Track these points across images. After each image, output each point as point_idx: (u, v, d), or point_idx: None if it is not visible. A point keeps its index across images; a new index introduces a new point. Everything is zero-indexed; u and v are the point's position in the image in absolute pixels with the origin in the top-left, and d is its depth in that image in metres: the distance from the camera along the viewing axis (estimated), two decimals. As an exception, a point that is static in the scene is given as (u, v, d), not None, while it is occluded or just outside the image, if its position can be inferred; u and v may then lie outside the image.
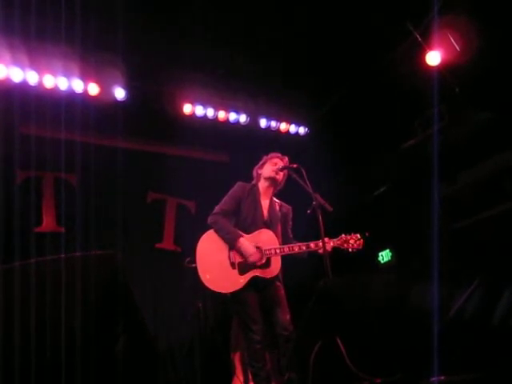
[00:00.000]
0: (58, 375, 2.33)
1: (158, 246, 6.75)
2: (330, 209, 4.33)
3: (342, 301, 3.84)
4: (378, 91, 6.48)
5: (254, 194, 4.62)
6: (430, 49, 5.81)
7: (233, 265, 4.32)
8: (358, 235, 4.56)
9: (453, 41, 5.60)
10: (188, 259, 4.78)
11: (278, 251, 4.40)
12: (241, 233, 4.40)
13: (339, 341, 3.84)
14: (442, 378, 2.68)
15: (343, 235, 4.55)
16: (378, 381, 3.34)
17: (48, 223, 6.13)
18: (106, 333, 2.55)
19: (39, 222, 6.06)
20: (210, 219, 4.47)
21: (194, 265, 4.40)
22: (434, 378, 2.72)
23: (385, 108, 6.50)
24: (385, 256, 7.03)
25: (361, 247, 4.52)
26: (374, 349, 3.70)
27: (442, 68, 5.79)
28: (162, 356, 5.60)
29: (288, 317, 4.32)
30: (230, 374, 5.58)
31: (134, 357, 2.72)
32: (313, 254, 4.51)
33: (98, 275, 2.51)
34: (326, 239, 4.45)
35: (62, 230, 6.02)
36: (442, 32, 5.64)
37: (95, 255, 2.65)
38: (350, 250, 4.53)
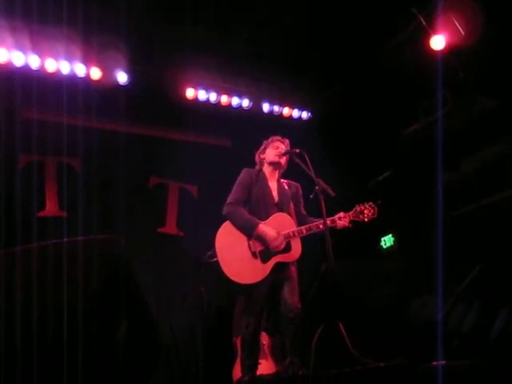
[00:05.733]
0: (60, 360, 2.34)
1: (160, 230, 6.76)
2: (332, 194, 4.31)
3: (344, 285, 3.84)
4: (382, 76, 6.44)
5: (262, 178, 4.57)
6: (435, 33, 5.76)
7: (254, 254, 4.25)
8: (372, 203, 4.52)
9: (457, 24, 5.55)
10: (209, 253, 4.74)
11: (296, 234, 4.35)
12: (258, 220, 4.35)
13: (341, 325, 3.85)
14: (444, 362, 2.69)
15: (357, 206, 4.52)
16: (380, 365, 3.35)
17: (51, 207, 6.13)
18: (107, 317, 2.55)
19: (42, 207, 6.07)
20: (224, 210, 4.39)
21: (215, 259, 4.30)
22: (435, 363, 2.73)
23: (388, 93, 6.46)
24: (387, 241, 7.04)
25: (376, 215, 4.49)
26: (376, 333, 3.71)
27: (447, 52, 5.75)
28: (164, 341, 5.63)
29: (296, 298, 4.27)
30: (233, 358, 5.62)
31: (136, 342, 2.72)
32: (315, 238, 4.49)
33: (100, 260, 2.51)
34: (342, 214, 4.44)
35: (65, 214, 6.02)
36: (446, 16, 5.59)
37: (97, 239, 2.64)
38: (367, 220, 4.50)
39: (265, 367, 5.55)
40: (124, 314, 2.67)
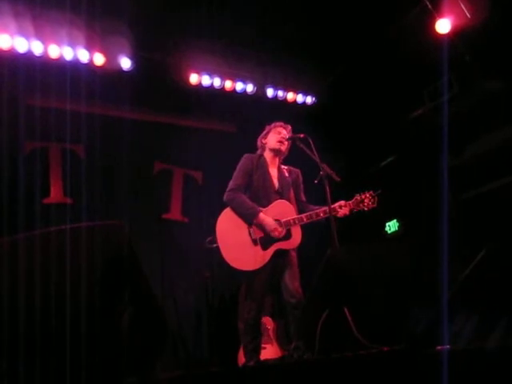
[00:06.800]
0: (63, 348, 2.35)
1: (165, 216, 6.77)
2: (337, 179, 4.29)
3: (350, 270, 3.83)
4: (387, 60, 6.40)
5: (262, 164, 4.57)
6: (440, 16, 5.71)
7: (254, 241, 4.28)
8: (372, 192, 4.51)
9: (463, 7, 5.50)
10: (209, 239, 4.76)
11: (296, 221, 4.35)
12: (259, 208, 4.36)
13: (346, 310, 3.86)
14: (448, 347, 2.69)
15: (357, 196, 4.50)
16: (385, 349, 3.36)
17: (55, 194, 6.15)
18: (111, 304, 2.55)
19: (47, 193, 6.08)
20: (225, 197, 4.41)
21: (215, 245, 4.33)
22: (439, 347, 2.73)
23: (393, 77, 6.42)
24: (392, 226, 7.03)
25: (376, 204, 4.48)
26: (381, 318, 3.71)
27: (452, 36, 5.70)
28: (169, 326, 5.65)
29: (297, 284, 4.29)
30: (238, 344, 5.65)
31: (142, 328, 2.73)
32: (319, 224, 4.49)
33: (104, 246, 2.51)
34: (343, 202, 4.44)
35: (70, 200, 6.04)
36: (452, -2, 5.54)
37: (101, 226, 2.64)
38: (366, 209, 4.49)
39: (270, 352, 5.58)
40: (129, 300, 2.67)
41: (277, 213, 4.36)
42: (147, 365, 2.75)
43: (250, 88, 6.90)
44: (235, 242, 4.27)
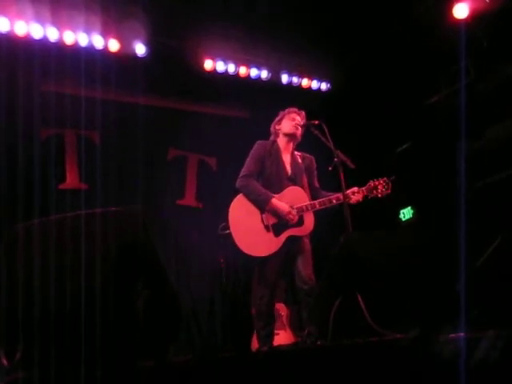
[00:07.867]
0: (78, 333, 2.37)
1: (179, 202, 6.79)
2: (352, 166, 4.28)
3: (363, 256, 3.83)
4: (403, 46, 6.33)
5: (275, 150, 4.57)
6: (458, 1, 5.63)
7: (267, 228, 4.29)
8: (386, 179, 4.47)
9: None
10: (222, 226, 4.78)
11: (309, 208, 4.35)
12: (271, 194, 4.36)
13: (359, 296, 3.86)
14: (462, 334, 2.68)
15: (371, 182, 4.48)
16: (398, 336, 3.35)
17: (71, 180, 6.19)
18: (127, 287, 2.57)
19: (63, 179, 6.13)
20: (238, 183, 4.43)
21: (227, 231, 4.35)
22: (453, 335, 2.72)
23: (409, 63, 6.36)
24: (406, 213, 6.99)
25: (390, 191, 4.45)
26: (394, 304, 3.71)
27: (470, 21, 5.62)
28: (184, 311, 5.68)
29: (309, 270, 4.30)
30: (251, 329, 5.67)
31: (156, 311, 2.75)
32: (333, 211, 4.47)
33: (118, 231, 2.52)
34: (356, 189, 4.42)
35: (86, 186, 6.08)
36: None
37: (116, 211, 2.65)
38: (380, 195, 4.46)
39: (283, 338, 5.60)
40: (144, 284, 2.69)
41: (289, 199, 4.36)
42: (162, 349, 2.77)
43: (264, 74, 6.87)
44: (247, 229, 4.28)
